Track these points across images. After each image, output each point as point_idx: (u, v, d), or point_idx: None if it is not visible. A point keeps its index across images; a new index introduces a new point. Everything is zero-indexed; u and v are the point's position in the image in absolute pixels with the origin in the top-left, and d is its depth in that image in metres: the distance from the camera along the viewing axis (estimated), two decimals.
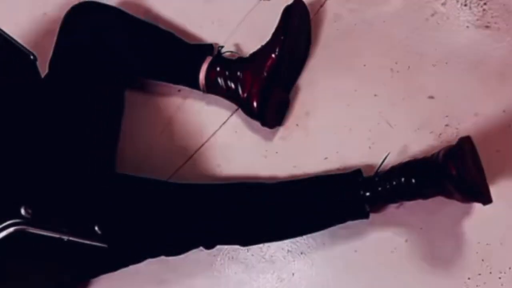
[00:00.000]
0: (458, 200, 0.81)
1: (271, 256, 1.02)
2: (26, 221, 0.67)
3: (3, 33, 0.92)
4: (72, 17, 1.06)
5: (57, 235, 0.73)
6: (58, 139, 0.92)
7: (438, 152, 0.83)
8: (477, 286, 0.90)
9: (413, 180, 0.84)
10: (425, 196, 0.86)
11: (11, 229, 0.65)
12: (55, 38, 1.07)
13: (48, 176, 0.82)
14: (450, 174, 0.76)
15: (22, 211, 0.67)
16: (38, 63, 1.00)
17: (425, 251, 0.93)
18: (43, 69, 1.04)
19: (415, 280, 0.93)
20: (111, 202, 0.91)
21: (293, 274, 1.01)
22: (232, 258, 1.04)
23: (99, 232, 0.86)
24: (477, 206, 0.90)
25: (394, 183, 0.86)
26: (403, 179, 0.85)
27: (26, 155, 0.81)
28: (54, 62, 1.05)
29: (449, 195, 0.82)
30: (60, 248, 0.79)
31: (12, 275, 0.76)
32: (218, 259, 1.05)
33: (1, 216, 0.65)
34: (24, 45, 0.98)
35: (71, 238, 0.76)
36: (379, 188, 0.87)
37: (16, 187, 0.72)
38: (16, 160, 0.77)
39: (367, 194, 0.88)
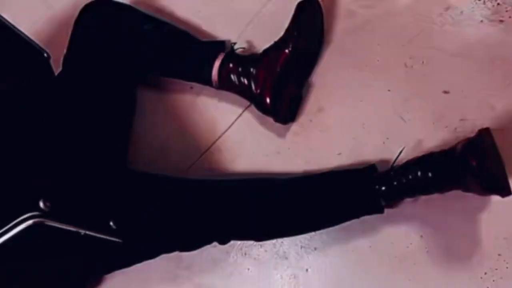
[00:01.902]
0: (476, 193, 0.80)
1: (285, 252, 1.02)
2: (44, 214, 0.68)
3: (18, 31, 0.93)
4: (85, 15, 1.07)
5: (74, 229, 0.74)
6: (72, 134, 0.92)
7: (456, 145, 0.82)
8: (493, 281, 0.89)
9: (430, 174, 0.83)
10: (441, 189, 0.85)
11: (30, 222, 0.66)
12: (67, 37, 1.07)
13: (65, 171, 0.83)
14: (470, 165, 0.76)
15: (41, 204, 0.68)
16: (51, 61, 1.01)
17: (441, 246, 0.92)
18: (55, 68, 1.05)
19: (430, 275, 0.92)
20: (125, 197, 0.91)
21: (306, 270, 1.00)
22: (245, 254, 1.04)
23: (114, 227, 0.86)
24: (493, 200, 0.90)
25: (410, 177, 0.85)
26: (419, 173, 0.84)
27: (44, 150, 0.81)
28: (68, 59, 1.06)
29: (467, 188, 0.81)
30: (77, 243, 0.79)
31: (30, 268, 0.76)
32: (231, 255, 1.05)
33: (20, 209, 0.66)
34: (38, 43, 0.99)
35: (87, 232, 0.77)
36: (395, 183, 0.87)
37: (35, 181, 0.73)
38: (34, 155, 0.78)
39: (383, 188, 0.88)
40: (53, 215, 0.69)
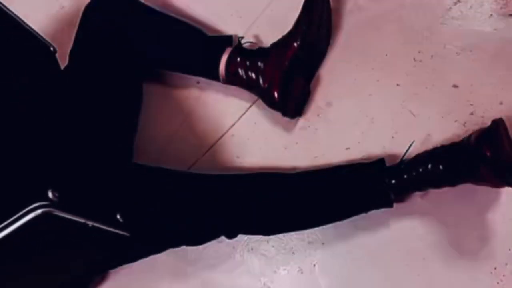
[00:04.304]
0: (488, 184, 0.80)
1: (292, 248, 1.01)
2: (53, 204, 0.67)
3: (25, 24, 0.93)
4: (92, 9, 1.06)
5: (82, 220, 0.73)
6: (78, 128, 0.92)
7: (469, 136, 0.82)
8: (503, 275, 0.88)
9: (441, 167, 0.83)
10: (452, 182, 0.85)
11: (38, 211, 0.65)
12: (73, 32, 1.07)
13: (72, 163, 0.82)
14: (485, 156, 0.75)
15: (50, 194, 0.67)
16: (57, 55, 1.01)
17: (450, 241, 0.92)
18: (62, 63, 1.04)
19: (440, 270, 0.92)
20: (132, 191, 0.91)
21: (314, 265, 1.00)
22: (252, 249, 1.04)
23: (121, 220, 0.86)
24: (504, 194, 0.89)
25: (421, 170, 0.84)
26: (430, 166, 0.84)
27: (51, 142, 0.81)
28: (74, 53, 1.06)
29: (479, 180, 0.81)
30: (84, 235, 0.79)
31: (37, 259, 0.75)
32: (238, 250, 1.04)
33: (29, 198, 0.65)
34: (45, 37, 0.99)
35: (95, 224, 0.76)
36: (405, 176, 0.86)
37: (43, 170, 0.72)
38: (42, 146, 0.78)
39: (392, 182, 0.87)
40: (61, 206, 0.68)
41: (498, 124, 0.78)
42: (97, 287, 1.06)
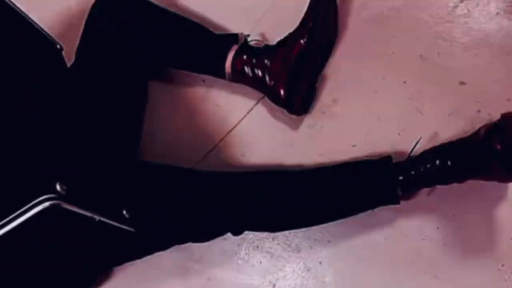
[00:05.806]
0: (497, 179, 0.79)
1: (297, 245, 1.01)
2: (61, 197, 0.67)
3: (32, 22, 0.94)
4: (98, 7, 1.07)
5: (89, 214, 0.73)
6: (85, 124, 0.92)
7: (477, 131, 0.81)
8: (511, 273, 0.88)
9: (449, 162, 0.82)
10: (460, 178, 0.84)
11: (46, 204, 0.65)
12: (80, 31, 1.07)
13: (79, 158, 0.83)
14: (495, 149, 0.75)
15: (58, 187, 0.67)
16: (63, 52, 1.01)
17: (457, 239, 0.91)
18: (68, 61, 1.05)
19: (447, 268, 0.91)
20: (138, 187, 0.91)
21: (320, 263, 0.99)
22: (257, 247, 1.03)
23: (126, 216, 0.86)
24: (510, 191, 0.89)
25: (428, 165, 0.84)
26: (437, 162, 0.83)
27: (59, 136, 0.81)
28: (80, 51, 1.06)
29: (488, 175, 0.80)
30: (91, 230, 0.79)
31: (44, 252, 0.76)
32: (243, 248, 1.04)
33: (37, 191, 0.65)
34: (51, 34, 0.99)
35: (102, 219, 0.76)
36: (412, 172, 0.86)
37: (52, 164, 0.73)
38: (50, 140, 0.78)
39: (400, 178, 0.87)
40: (69, 199, 0.68)
41: (507, 117, 0.77)
42: (102, 283, 1.06)
